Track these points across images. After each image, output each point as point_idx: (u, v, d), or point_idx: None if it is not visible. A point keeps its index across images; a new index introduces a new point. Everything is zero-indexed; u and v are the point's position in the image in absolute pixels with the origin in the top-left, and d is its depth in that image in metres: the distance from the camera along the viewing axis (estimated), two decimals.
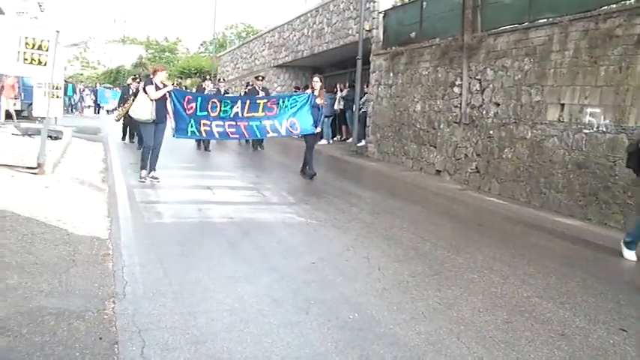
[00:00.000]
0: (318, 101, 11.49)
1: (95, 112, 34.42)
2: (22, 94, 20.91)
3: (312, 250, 6.35)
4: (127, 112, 13.62)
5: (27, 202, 6.98)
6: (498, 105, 11.21)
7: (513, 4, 11.35)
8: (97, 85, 41.81)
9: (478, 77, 11.93)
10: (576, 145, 9.22)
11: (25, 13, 26.20)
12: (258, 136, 11.73)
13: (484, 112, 11.66)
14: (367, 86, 17.53)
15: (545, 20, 10.27)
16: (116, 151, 14.31)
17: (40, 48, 8.90)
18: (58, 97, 12.59)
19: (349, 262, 5.96)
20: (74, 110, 31.09)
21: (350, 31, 18.71)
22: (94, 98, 35.29)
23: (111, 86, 44.99)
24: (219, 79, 20.93)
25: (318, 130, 11.70)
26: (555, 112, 9.70)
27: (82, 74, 55.61)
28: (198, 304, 4.53)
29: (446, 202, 10.20)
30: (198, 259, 5.83)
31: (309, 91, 12.05)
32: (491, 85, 11.50)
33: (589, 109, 9.05)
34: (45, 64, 8.98)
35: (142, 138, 11.54)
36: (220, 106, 10.64)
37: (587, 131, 9.04)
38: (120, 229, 6.64)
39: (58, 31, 9.10)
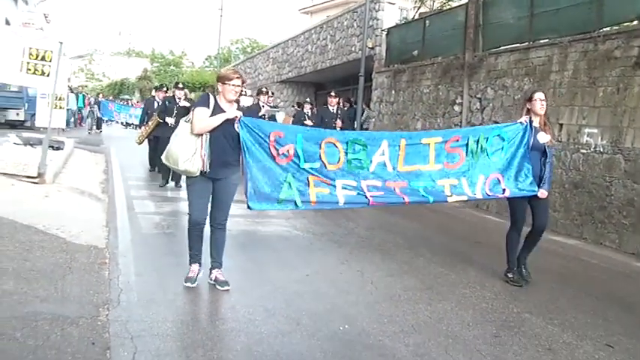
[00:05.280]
0: (542, 139, 6.09)
1: (96, 128, 27.80)
2: (26, 105, 20.96)
3: (307, 262, 6.41)
4: (151, 132, 11.78)
5: (26, 211, 7.05)
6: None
7: (514, 25, 11.48)
8: (100, 96, 34.73)
9: (478, 96, 12.03)
10: (573, 164, 9.28)
11: (32, 24, 26.25)
12: (429, 201, 5.95)
13: None
14: (366, 104, 17.59)
15: (545, 41, 10.41)
16: (118, 162, 14.37)
17: (43, 59, 9.03)
18: (61, 107, 12.71)
19: (343, 275, 6.02)
20: (73, 125, 25.89)
21: (353, 48, 18.85)
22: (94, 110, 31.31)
23: (129, 98, 43.41)
24: (266, 93, 12.33)
25: (544, 193, 6.11)
26: (554, 132, 9.75)
27: (86, 86, 55.61)
28: (191, 312, 4.59)
29: (443, 218, 10.24)
30: None
31: (524, 119, 6.17)
32: (491, 104, 11.59)
33: (587, 130, 9.13)
34: (48, 75, 9.09)
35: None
36: (344, 150, 5.62)
37: (584, 151, 9.11)
38: (117, 239, 6.70)
39: (61, 43, 9.24)
